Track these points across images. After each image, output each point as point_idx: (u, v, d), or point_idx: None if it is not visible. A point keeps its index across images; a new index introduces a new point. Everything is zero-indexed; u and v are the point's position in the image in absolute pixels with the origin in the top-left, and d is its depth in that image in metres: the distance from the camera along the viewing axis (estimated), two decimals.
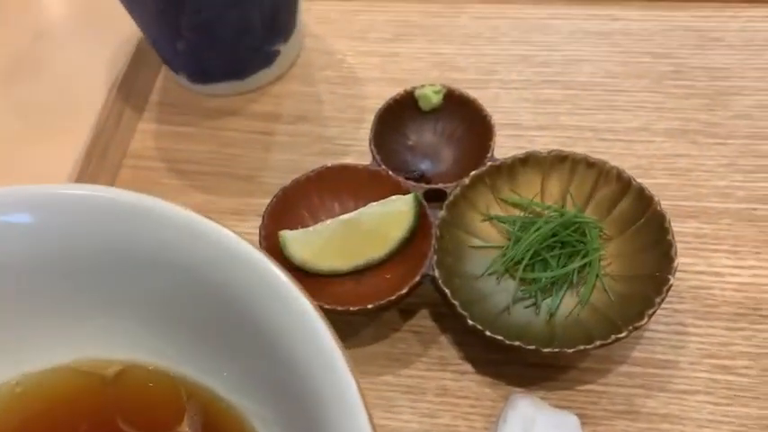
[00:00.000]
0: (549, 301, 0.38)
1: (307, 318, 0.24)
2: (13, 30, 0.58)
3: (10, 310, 0.30)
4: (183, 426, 0.31)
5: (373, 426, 0.22)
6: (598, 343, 0.34)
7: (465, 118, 0.44)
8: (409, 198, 0.39)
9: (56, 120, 0.50)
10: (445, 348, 0.39)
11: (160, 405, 0.32)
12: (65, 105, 0.51)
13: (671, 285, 0.36)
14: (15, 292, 0.30)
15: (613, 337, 0.34)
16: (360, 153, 0.47)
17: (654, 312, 0.35)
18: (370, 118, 0.45)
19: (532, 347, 0.35)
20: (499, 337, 0.35)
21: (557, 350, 0.34)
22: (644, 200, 0.39)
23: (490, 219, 0.41)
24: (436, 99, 0.44)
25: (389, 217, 0.39)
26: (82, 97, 0.51)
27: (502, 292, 0.39)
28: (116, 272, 0.29)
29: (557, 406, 0.36)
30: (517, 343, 0.35)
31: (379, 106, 0.45)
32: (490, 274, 0.39)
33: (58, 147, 0.48)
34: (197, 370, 0.31)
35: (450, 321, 0.40)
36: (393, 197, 0.40)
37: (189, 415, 0.32)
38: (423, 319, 0.40)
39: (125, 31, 0.53)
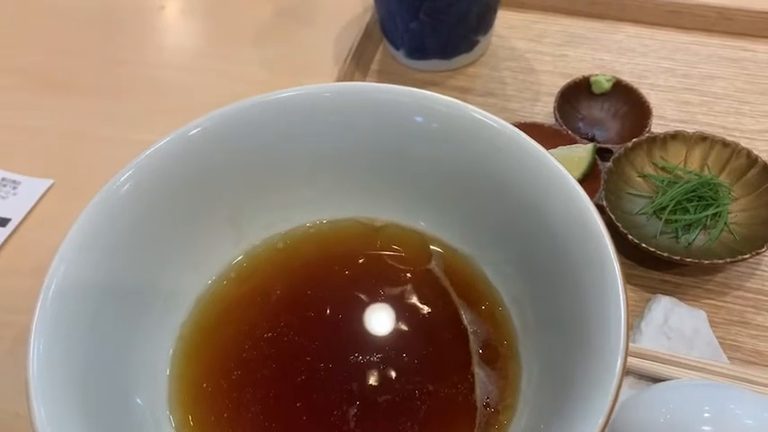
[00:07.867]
0: (686, 236, 0.51)
1: (580, 203, 0.36)
2: (259, 4, 0.74)
3: (344, 173, 0.43)
4: (431, 264, 0.44)
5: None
6: (728, 259, 0.47)
7: (627, 101, 0.58)
8: (589, 147, 0.53)
9: (297, 75, 0.66)
10: None
11: (414, 248, 0.44)
12: (303, 66, 0.67)
13: None
14: (352, 167, 0.43)
15: (739, 257, 0.47)
16: None
17: None
18: (545, 99, 0.59)
19: (677, 258, 0.47)
20: (652, 249, 0.48)
21: (696, 261, 0.47)
22: (767, 172, 0.51)
23: (644, 176, 0.54)
24: (607, 85, 0.58)
25: (572, 159, 0.52)
26: (317, 60, 0.67)
27: (651, 225, 0.51)
28: (421, 166, 0.42)
29: None
30: (666, 254, 0.47)
31: (552, 91, 0.59)
32: (642, 213, 0.52)
33: None
34: (450, 237, 0.44)
35: None
36: (575, 145, 0.53)
37: (435, 258, 0.45)
38: None
39: (352, 12, 0.69)
